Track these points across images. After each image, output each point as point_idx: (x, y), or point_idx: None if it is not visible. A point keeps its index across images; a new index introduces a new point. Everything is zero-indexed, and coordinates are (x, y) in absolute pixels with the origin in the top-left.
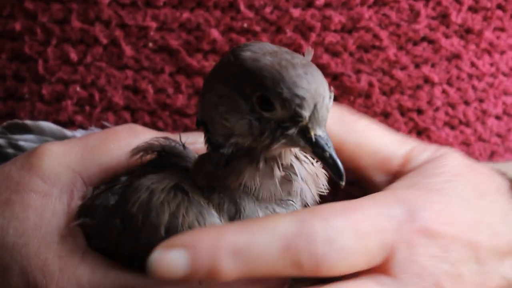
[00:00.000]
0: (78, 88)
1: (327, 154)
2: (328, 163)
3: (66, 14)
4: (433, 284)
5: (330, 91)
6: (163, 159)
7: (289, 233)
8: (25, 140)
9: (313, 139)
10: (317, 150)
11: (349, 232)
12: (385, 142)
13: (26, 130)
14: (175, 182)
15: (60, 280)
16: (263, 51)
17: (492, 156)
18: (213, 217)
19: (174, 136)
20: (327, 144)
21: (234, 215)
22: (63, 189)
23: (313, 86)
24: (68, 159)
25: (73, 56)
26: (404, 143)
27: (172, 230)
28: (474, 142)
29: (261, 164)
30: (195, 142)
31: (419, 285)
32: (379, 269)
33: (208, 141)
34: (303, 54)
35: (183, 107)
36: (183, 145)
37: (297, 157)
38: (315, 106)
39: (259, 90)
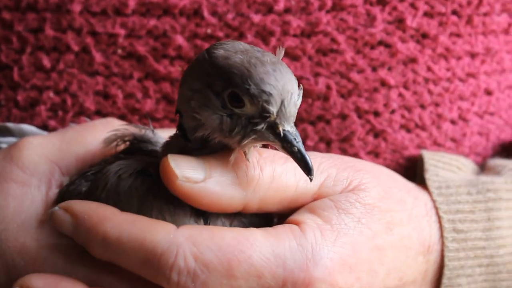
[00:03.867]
0: (51, 94)
1: (296, 148)
2: (296, 157)
3: (41, 23)
4: None
5: (299, 88)
6: (135, 146)
7: (156, 250)
8: (7, 143)
9: (281, 134)
10: (285, 145)
11: (220, 271)
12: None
13: (8, 132)
14: (142, 167)
15: (38, 262)
16: (235, 49)
17: None
18: (181, 200)
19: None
20: (295, 139)
21: None
22: (42, 179)
23: (280, 83)
24: (47, 151)
25: (46, 63)
26: (315, 174)
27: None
28: (429, 146)
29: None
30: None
31: None
32: None
33: (180, 127)
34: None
35: (152, 111)
36: (153, 131)
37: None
38: (282, 102)
39: (229, 87)
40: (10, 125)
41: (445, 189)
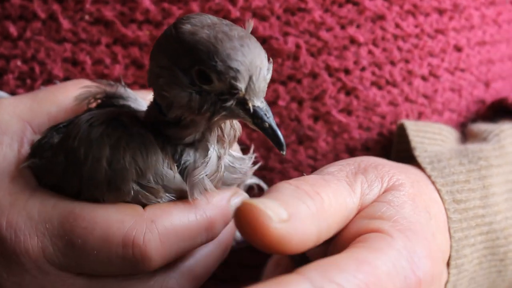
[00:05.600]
0: (19, 63)
1: (266, 124)
2: (267, 133)
3: None
4: None
5: (268, 62)
6: (107, 103)
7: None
8: None
9: (251, 110)
10: (256, 120)
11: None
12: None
13: None
14: (113, 116)
15: (11, 213)
16: (203, 24)
17: (419, 117)
18: (155, 147)
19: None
20: (266, 114)
21: (173, 155)
22: (13, 137)
23: (248, 58)
24: (18, 110)
25: (13, 31)
26: (352, 185)
27: (114, 162)
28: (402, 103)
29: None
30: (144, 98)
31: None
32: None
33: (155, 101)
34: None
35: (121, 77)
36: (124, 87)
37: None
38: (250, 78)
39: (196, 64)
40: None
41: (437, 163)
